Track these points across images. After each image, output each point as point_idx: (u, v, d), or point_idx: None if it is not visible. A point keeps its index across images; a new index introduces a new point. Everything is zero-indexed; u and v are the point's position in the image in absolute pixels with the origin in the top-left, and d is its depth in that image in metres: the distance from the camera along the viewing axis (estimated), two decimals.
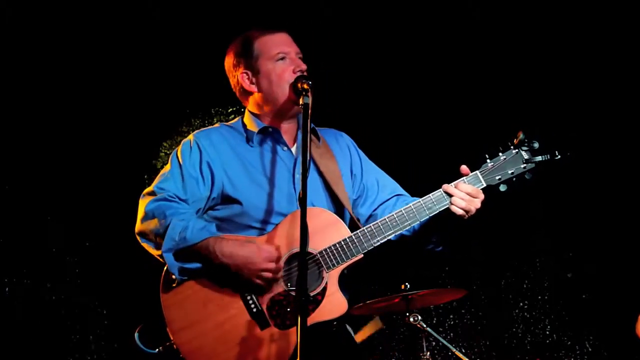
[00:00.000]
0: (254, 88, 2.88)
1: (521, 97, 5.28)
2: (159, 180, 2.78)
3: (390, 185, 2.98)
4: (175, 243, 2.57)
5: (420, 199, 2.67)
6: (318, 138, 2.91)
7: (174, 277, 2.61)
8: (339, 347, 2.74)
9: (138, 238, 2.72)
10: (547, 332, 5.37)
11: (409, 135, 5.52)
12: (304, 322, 2.11)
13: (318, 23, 5.13)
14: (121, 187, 5.12)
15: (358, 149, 3.05)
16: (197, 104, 5.35)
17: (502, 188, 2.67)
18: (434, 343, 5.21)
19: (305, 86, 2.62)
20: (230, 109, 5.35)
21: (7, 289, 4.85)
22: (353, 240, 2.61)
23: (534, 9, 5.19)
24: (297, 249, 2.55)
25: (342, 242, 2.61)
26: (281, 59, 2.81)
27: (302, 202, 2.29)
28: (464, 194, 2.61)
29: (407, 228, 2.65)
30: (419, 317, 4.05)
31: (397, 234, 2.69)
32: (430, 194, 2.66)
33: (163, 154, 5.19)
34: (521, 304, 5.44)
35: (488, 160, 2.67)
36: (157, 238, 2.62)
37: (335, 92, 4.99)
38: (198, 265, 2.60)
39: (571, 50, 5.23)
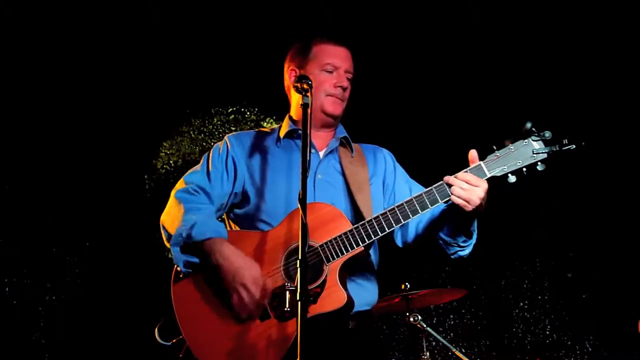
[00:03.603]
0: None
1: (528, 93, 5.27)
2: (188, 173, 2.87)
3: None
4: (182, 239, 2.63)
5: (422, 192, 2.63)
6: (352, 149, 2.93)
7: (179, 269, 2.66)
8: (347, 341, 2.74)
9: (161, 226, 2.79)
10: (547, 332, 5.37)
11: (413, 132, 5.51)
12: (303, 320, 2.12)
13: (318, 23, 5.13)
14: (121, 187, 5.13)
15: (396, 162, 3.06)
16: (197, 104, 5.35)
17: (511, 179, 2.57)
18: (434, 343, 5.21)
19: (305, 86, 2.61)
20: (230, 109, 5.34)
21: (7, 289, 4.86)
22: (354, 232, 2.60)
23: (533, 8, 5.19)
24: (297, 243, 2.55)
25: (343, 235, 2.60)
26: (329, 71, 2.85)
27: (302, 203, 2.29)
28: (463, 182, 2.55)
29: (408, 220, 2.63)
30: (419, 317, 4.05)
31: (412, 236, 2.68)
32: (433, 186, 2.63)
33: (163, 154, 5.18)
34: (521, 304, 5.44)
35: (496, 151, 2.60)
36: (170, 229, 2.68)
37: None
38: (199, 260, 2.65)
39: (571, 46, 5.23)
